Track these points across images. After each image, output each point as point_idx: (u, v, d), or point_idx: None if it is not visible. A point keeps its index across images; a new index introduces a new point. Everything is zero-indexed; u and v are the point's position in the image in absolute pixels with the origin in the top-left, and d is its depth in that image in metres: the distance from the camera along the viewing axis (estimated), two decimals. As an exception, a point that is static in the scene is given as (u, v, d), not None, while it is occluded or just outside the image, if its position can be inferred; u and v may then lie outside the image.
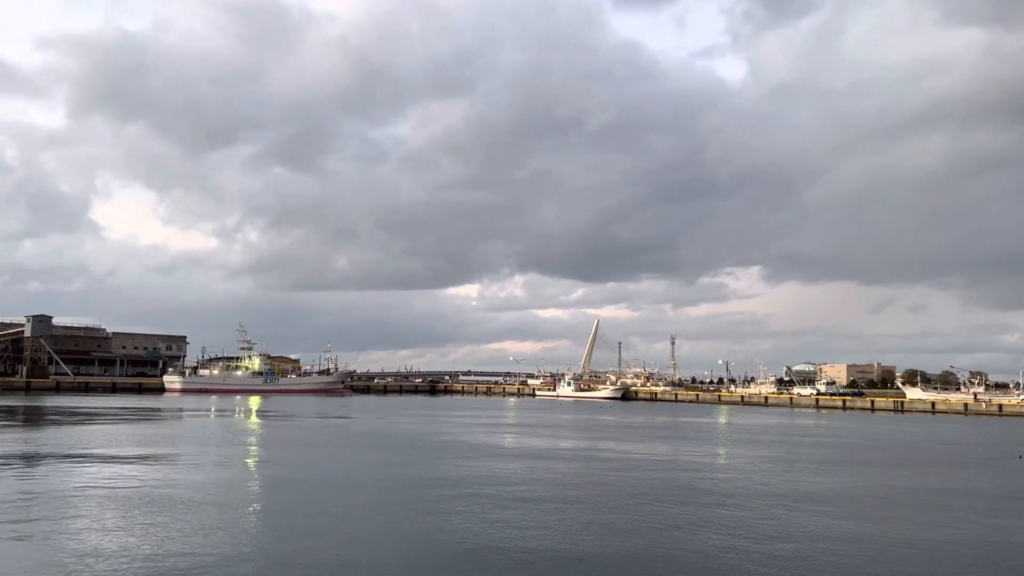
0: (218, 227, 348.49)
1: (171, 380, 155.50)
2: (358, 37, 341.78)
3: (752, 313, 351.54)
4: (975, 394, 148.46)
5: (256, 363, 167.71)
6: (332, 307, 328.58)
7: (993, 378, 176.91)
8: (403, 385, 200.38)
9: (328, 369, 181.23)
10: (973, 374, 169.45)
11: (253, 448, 45.30)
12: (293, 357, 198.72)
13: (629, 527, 22.72)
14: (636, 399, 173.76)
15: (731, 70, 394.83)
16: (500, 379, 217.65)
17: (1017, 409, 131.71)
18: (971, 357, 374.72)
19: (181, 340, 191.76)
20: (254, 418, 76.20)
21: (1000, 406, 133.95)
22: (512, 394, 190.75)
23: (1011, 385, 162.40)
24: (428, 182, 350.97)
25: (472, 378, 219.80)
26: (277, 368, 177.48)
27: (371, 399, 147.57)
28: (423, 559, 18.61)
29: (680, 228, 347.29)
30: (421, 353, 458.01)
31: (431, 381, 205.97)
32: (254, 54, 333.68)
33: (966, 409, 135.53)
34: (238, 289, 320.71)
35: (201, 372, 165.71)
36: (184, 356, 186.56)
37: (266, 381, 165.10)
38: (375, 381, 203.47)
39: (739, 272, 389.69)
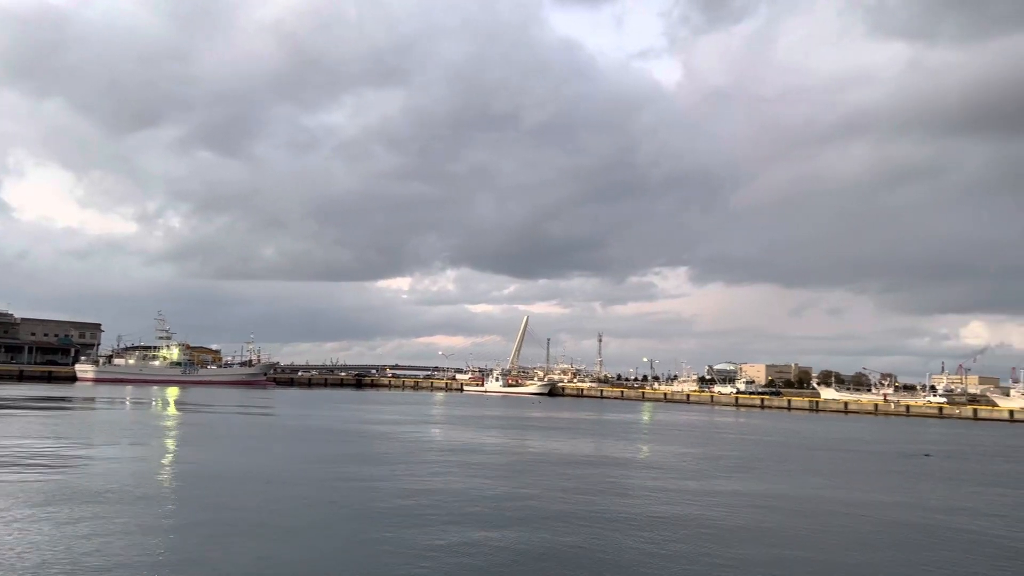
0: (139, 211, 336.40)
1: (84, 369, 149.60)
2: (294, 21, 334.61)
3: (678, 313, 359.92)
4: (885, 395, 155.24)
5: (175, 353, 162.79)
6: (257, 297, 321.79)
7: (902, 380, 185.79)
8: (328, 378, 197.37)
9: (250, 360, 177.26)
10: (884, 376, 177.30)
11: (170, 441, 43.94)
12: (214, 348, 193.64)
13: (547, 525, 22.85)
14: (563, 395, 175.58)
15: (666, 73, 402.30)
16: (428, 374, 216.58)
17: (923, 410, 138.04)
18: (884, 359, 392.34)
19: (95, 328, 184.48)
20: (172, 409, 73.95)
21: (907, 407, 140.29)
22: (440, 389, 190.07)
23: (918, 387, 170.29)
24: (362, 172, 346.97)
25: (400, 372, 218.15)
26: (197, 359, 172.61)
27: (295, 392, 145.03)
28: (345, 557, 18.33)
29: (611, 227, 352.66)
30: (348, 346, 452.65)
31: (357, 375, 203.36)
32: (183, 34, 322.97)
33: (876, 409, 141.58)
34: (158, 276, 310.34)
35: (116, 361, 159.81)
36: (98, 344, 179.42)
37: (185, 372, 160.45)
38: (299, 374, 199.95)
39: (667, 272, 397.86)
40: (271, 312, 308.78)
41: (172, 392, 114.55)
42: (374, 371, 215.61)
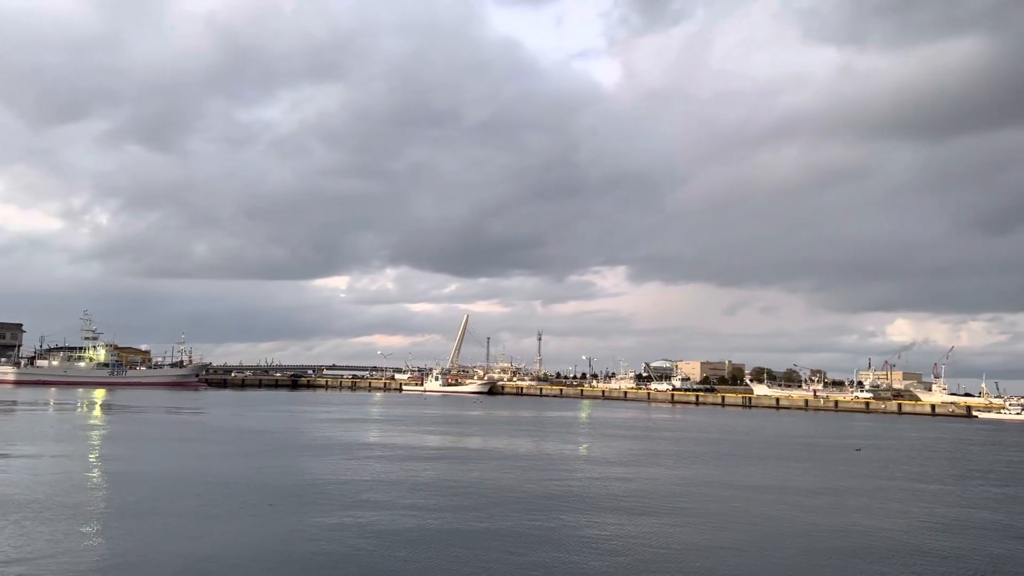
0: (64, 207, 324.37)
1: (3, 371, 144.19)
2: (228, 13, 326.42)
3: (617, 311, 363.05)
4: (815, 391, 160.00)
5: (102, 354, 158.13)
6: (189, 296, 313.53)
7: (832, 376, 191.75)
8: (263, 379, 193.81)
9: (181, 361, 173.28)
10: (813, 372, 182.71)
11: (96, 444, 42.67)
12: (144, 348, 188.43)
13: (487, 527, 22.99)
14: (503, 394, 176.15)
15: (606, 73, 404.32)
16: (366, 374, 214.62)
17: (850, 405, 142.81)
18: (814, 356, 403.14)
19: (16, 328, 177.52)
20: (98, 412, 71.76)
21: (836, 402, 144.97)
22: (378, 389, 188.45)
23: (846, 383, 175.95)
24: (298, 168, 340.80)
25: (337, 372, 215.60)
26: (125, 360, 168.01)
27: (228, 393, 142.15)
28: (277, 563, 18.15)
29: (552, 226, 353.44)
30: (284, 346, 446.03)
31: (293, 375, 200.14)
32: (111, 23, 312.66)
33: (806, 405, 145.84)
34: (85, 274, 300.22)
35: (39, 363, 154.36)
36: (20, 345, 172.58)
37: (112, 373, 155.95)
38: (232, 375, 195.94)
39: (606, 271, 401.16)
40: (203, 312, 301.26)
41: (99, 394, 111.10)
42: (310, 371, 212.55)
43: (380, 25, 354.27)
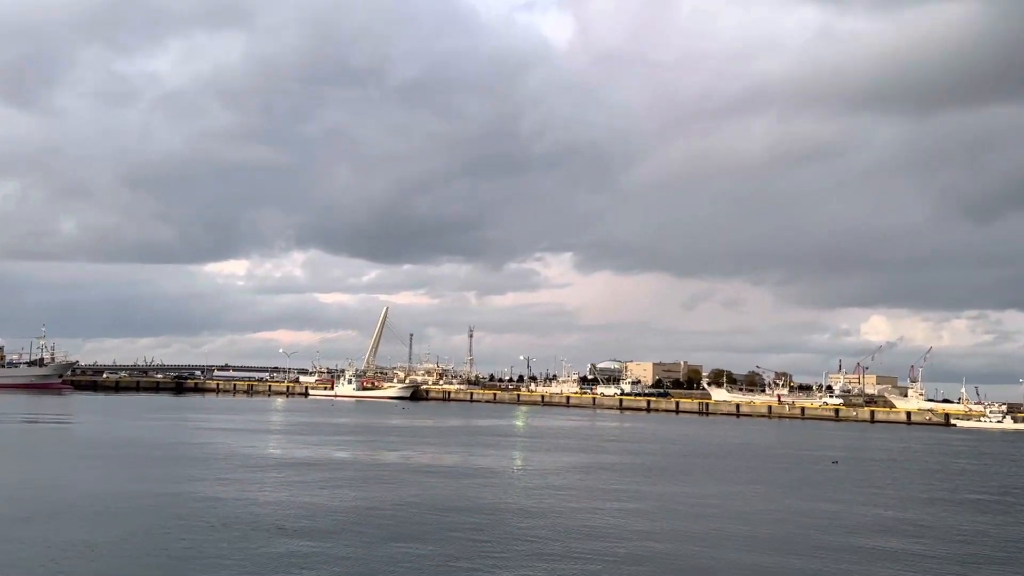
0: None
1: None
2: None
3: (562, 304, 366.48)
4: (779, 396, 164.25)
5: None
6: (53, 281, 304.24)
7: (798, 379, 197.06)
8: (141, 381, 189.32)
9: (42, 359, 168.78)
10: (778, 375, 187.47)
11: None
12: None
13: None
14: (427, 399, 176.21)
15: (556, 29, 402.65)
16: (266, 376, 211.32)
17: (819, 412, 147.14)
18: (780, 357, 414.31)
19: None
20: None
21: (803, 409, 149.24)
22: (280, 393, 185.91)
23: (815, 387, 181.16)
24: (189, 131, 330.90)
25: (231, 374, 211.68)
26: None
27: (99, 398, 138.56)
28: None
29: (489, 206, 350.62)
30: (167, 343, 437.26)
31: (178, 377, 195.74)
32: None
33: (770, 412, 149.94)
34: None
35: None
36: None
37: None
38: (105, 376, 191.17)
39: (550, 258, 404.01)
40: (70, 300, 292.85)
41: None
42: (199, 372, 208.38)
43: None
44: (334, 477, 38.99)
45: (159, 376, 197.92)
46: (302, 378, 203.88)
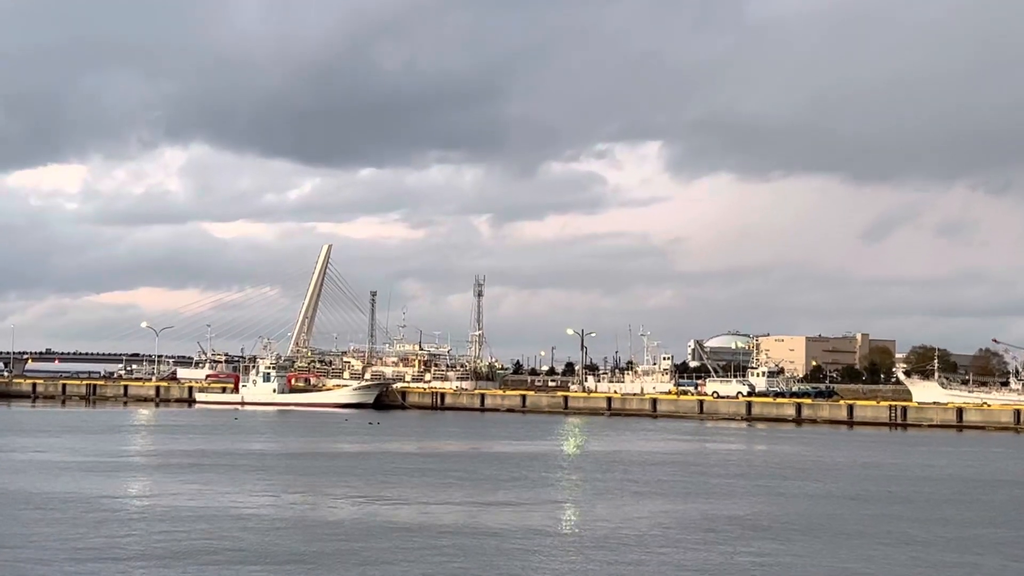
0: None
1: None
2: None
3: (643, 236, 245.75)
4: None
5: None
6: None
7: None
8: None
9: None
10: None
11: None
12: None
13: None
14: (403, 407, 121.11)
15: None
16: (119, 369, 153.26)
17: None
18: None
19: None
20: None
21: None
22: (144, 399, 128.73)
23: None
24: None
25: (57, 367, 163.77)
26: None
27: None
28: None
29: (511, 58, 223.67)
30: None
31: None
32: None
33: (1018, 421, 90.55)
34: None
35: None
36: None
37: None
38: None
39: (622, 152, 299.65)
40: None
41: None
42: (1, 365, 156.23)
43: None
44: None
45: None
46: (183, 372, 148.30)
